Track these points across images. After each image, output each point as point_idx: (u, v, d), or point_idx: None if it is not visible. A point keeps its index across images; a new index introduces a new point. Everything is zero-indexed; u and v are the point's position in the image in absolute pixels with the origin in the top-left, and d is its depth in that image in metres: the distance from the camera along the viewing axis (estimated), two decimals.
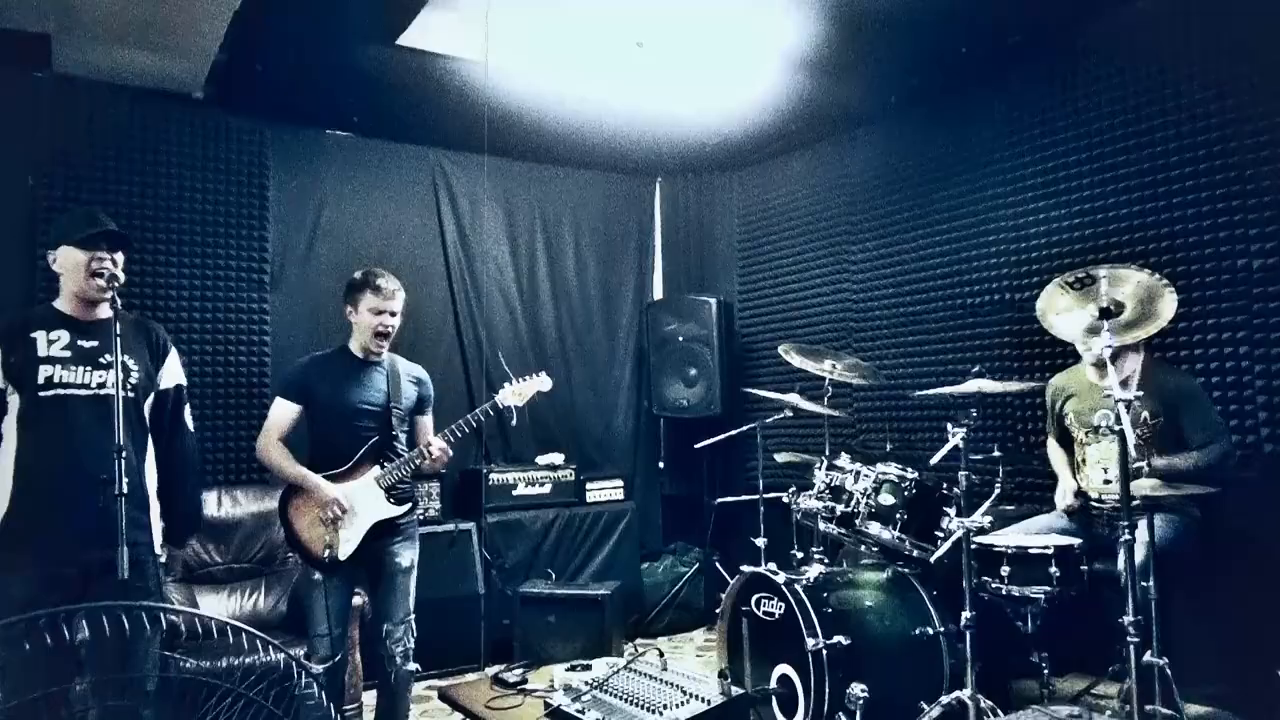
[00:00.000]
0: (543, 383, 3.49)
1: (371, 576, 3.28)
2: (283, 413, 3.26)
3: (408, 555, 3.26)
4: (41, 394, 2.56)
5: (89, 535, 2.43)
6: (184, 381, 2.93)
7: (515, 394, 3.44)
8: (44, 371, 2.57)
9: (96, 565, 2.40)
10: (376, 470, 3.22)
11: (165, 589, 3.08)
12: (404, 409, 3.32)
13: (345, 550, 3.15)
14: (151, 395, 2.79)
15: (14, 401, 2.58)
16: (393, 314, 3.28)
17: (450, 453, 3.31)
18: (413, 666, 3.26)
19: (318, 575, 3.15)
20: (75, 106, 4.21)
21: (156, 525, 2.77)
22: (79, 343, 2.59)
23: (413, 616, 3.26)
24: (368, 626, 3.39)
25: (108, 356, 2.64)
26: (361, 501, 3.19)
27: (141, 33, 3.73)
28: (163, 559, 2.88)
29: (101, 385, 2.62)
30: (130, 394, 2.67)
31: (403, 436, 3.33)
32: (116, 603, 1.67)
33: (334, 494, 3.14)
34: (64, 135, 4.19)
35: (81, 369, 2.59)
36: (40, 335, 2.60)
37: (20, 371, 2.57)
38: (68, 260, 2.63)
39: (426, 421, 3.45)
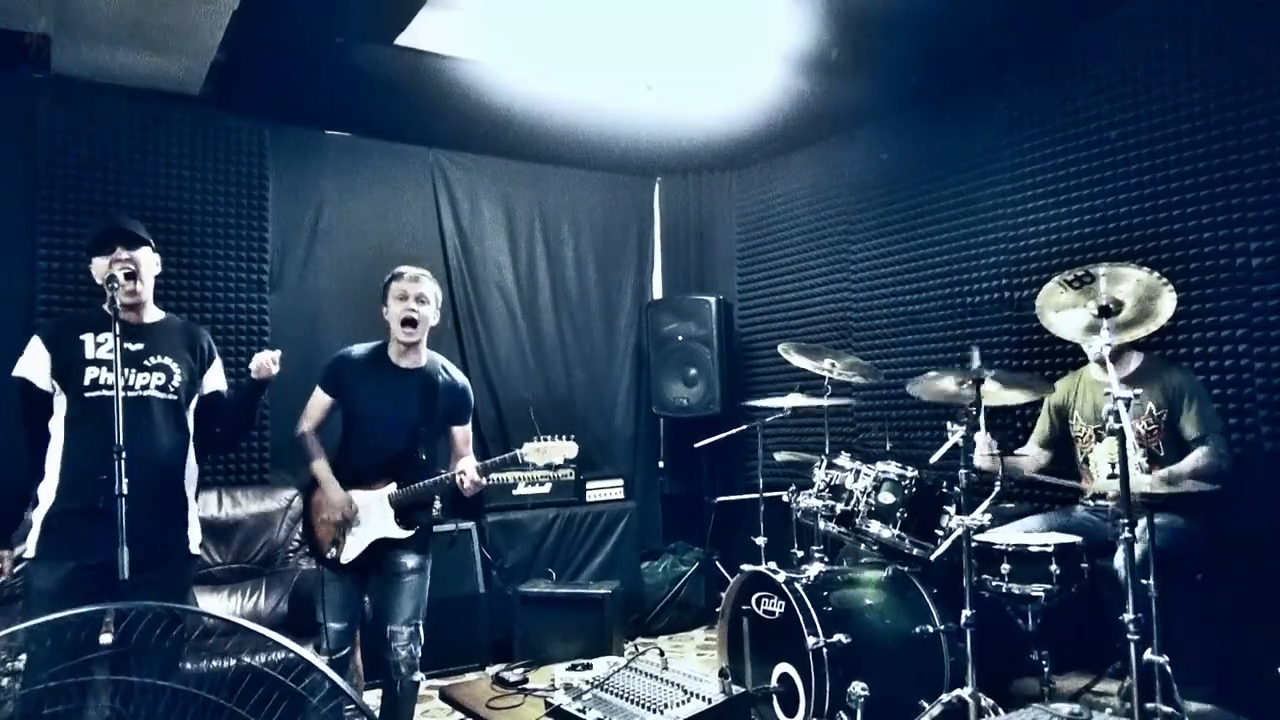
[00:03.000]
0: (569, 449, 3.23)
1: (377, 577, 3.19)
2: (317, 401, 3.25)
3: (415, 559, 3.17)
4: (86, 395, 2.62)
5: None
6: (224, 388, 2.97)
7: (537, 451, 3.21)
8: (89, 374, 2.64)
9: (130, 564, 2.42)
10: (392, 487, 3.14)
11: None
12: (435, 426, 3.24)
13: (347, 555, 3.14)
14: (195, 399, 2.85)
15: (61, 402, 2.65)
16: (420, 299, 3.16)
17: (483, 484, 3.17)
18: (419, 677, 3.17)
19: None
20: (75, 106, 4.21)
21: (194, 527, 2.81)
22: (125, 345, 2.61)
23: (420, 623, 3.16)
24: (370, 626, 3.37)
25: (152, 359, 2.71)
26: (371, 514, 3.14)
27: (141, 33, 3.73)
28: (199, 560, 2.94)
29: (145, 387, 2.68)
30: (172, 396, 2.74)
31: (425, 454, 3.22)
32: (135, 603, 1.67)
33: (342, 498, 3.13)
34: (64, 135, 4.20)
35: (125, 371, 2.61)
36: (89, 337, 2.67)
37: (67, 373, 2.64)
38: (98, 269, 2.70)
39: (464, 431, 3.33)
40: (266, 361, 2.90)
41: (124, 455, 2.34)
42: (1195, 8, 3.63)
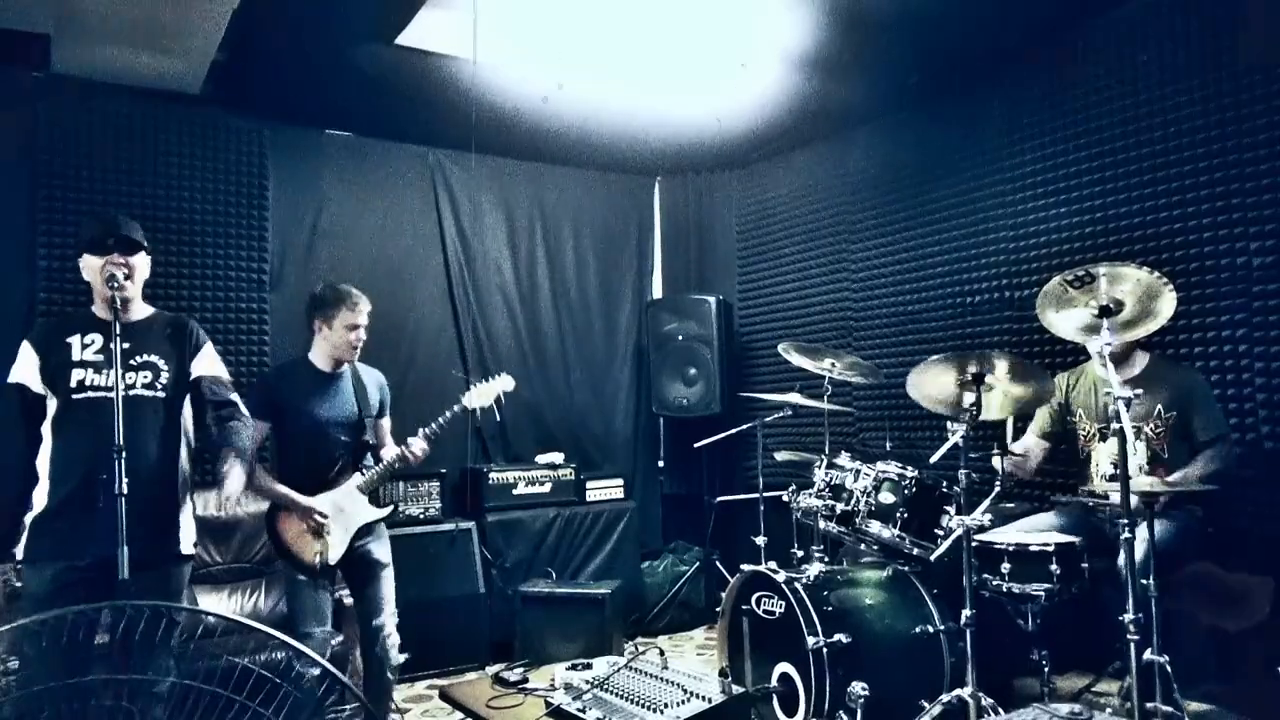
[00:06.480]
0: (505, 383, 3.62)
1: (356, 576, 3.38)
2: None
3: (383, 550, 3.40)
4: (74, 396, 2.63)
5: (114, 534, 2.43)
6: (220, 374, 2.93)
7: (478, 395, 3.56)
8: (76, 375, 2.64)
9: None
10: (358, 477, 3.35)
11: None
12: (373, 416, 3.44)
13: (335, 554, 3.27)
14: (187, 394, 2.84)
15: (51, 404, 2.66)
16: (363, 328, 3.39)
17: (429, 450, 3.43)
18: (403, 657, 3.38)
19: (301, 577, 3.26)
20: (75, 106, 4.21)
21: (187, 526, 2.81)
22: (112, 345, 2.60)
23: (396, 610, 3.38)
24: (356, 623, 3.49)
25: (138, 358, 2.71)
26: (347, 507, 3.31)
27: (141, 33, 3.73)
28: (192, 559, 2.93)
29: (131, 386, 2.67)
30: (160, 393, 2.74)
31: (371, 439, 3.45)
32: (130, 601, 1.68)
33: (312, 504, 3.24)
34: (63, 135, 4.19)
35: (113, 371, 2.60)
36: (75, 339, 2.68)
37: (55, 375, 2.64)
38: (89, 267, 2.70)
39: (385, 424, 3.57)
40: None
41: (124, 454, 2.34)
42: (1194, 7, 3.63)
